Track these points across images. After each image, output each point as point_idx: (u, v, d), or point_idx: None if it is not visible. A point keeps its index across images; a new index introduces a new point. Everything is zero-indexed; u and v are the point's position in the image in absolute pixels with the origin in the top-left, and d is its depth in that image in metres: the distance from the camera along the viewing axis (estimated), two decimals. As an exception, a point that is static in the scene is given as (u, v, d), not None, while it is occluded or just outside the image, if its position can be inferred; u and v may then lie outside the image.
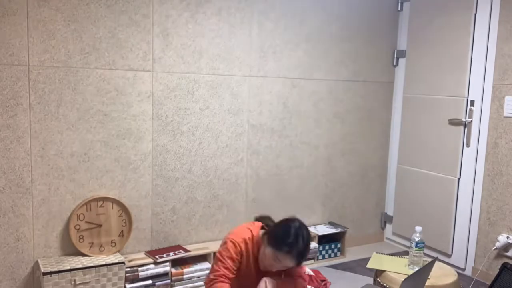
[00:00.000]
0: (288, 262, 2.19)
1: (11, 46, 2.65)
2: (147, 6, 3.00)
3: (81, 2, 2.80)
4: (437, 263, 2.85)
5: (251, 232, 2.34)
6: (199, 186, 3.34)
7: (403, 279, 1.98)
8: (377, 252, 3.01)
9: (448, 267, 2.76)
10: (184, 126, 3.23)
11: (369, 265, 2.79)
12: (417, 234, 2.70)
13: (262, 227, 2.37)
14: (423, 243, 2.70)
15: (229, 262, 2.25)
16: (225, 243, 2.31)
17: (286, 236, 2.17)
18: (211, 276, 2.26)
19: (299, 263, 2.21)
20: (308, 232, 2.26)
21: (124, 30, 2.95)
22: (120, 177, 3.05)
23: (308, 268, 3.36)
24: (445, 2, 3.65)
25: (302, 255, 2.19)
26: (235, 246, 2.27)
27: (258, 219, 2.46)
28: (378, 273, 2.79)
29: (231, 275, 2.26)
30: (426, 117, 3.83)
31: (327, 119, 3.85)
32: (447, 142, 3.66)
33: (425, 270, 2.11)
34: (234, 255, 2.26)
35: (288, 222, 2.24)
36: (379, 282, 2.71)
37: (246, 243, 2.30)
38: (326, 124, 3.85)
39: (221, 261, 2.26)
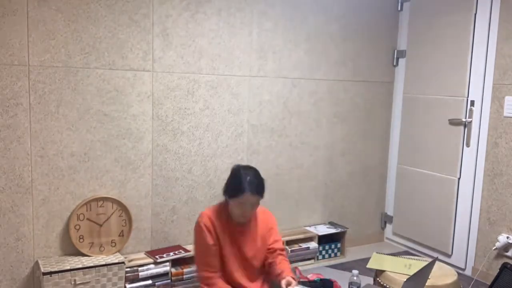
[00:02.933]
0: (251, 199, 2.35)
1: (11, 46, 2.65)
2: (147, 6, 3.00)
3: (81, 2, 2.80)
4: (437, 263, 2.84)
5: (215, 208, 2.49)
6: (199, 186, 3.34)
7: (405, 280, 1.98)
8: (377, 252, 3.00)
9: (448, 267, 2.76)
10: (184, 126, 3.23)
11: (369, 265, 2.79)
12: (354, 278, 2.78)
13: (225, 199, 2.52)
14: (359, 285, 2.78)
15: (209, 252, 2.38)
16: (196, 227, 2.43)
17: (236, 180, 2.38)
18: (205, 278, 2.38)
19: (259, 195, 2.38)
20: (255, 169, 2.48)
21: (124, 30, 2.95)
22: (120, 177, 3.05)
23: (310, 274, 3.38)
24: (445, 2, 3.65)
25: (258, 187, 2.38)
26: (202, 230, 2.39)
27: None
28: (378, 273, 2.79)
29: (216, 269, 2.39)
30: (426, 117, 3.83)
31: (327, 119, 3.85)
32: (447, 142, 3.66)
33: (426, 271, 2.11)
34: (205, 236, 2.38)
35: (234, 171, 2.46)
36: (379, 282, 2.71)
37: (211, 219, 2.41)
38: (326, 124, 3.85)
39: (200, 260, 2.41)
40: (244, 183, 2.34)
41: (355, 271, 2.83)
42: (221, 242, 2.43)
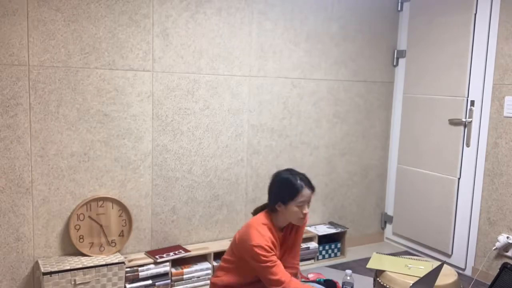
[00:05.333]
0: (309, 194, 2.41)
1: (11, 46, 2.65)
2: (147, 6, 3.00)
3: (81, 2, 2.80)
4: (437, 263, 2.85)
5: (264, 225, 2.42)
6: (199, 186, 3.34)
7: (412, 283, 1.98)
8: (377, 252, 3.01)
9: (448, 267, 2.76)
10: (184, 126, 3.23)
11: (369, 265, 2.79)
12: (348, 278, 2.93)
13: (265, 211, 2.49)
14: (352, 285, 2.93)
15: (275, 257, 2.36)
16: (257, 254, 2.33)
17: (289, 183, 2.41)
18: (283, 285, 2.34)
19: (312, 187, 2.44)
20: (292, 169, 2.54)
21: (124, 30, 2.95)
22: (120, 177, 3.05)
23: (310, 274, 3.38)
24: (445, 2, 3.65)
25: (307, 180, 2.44)
26: (267, 250, 2.33)
27: (256, 210, 2.56)
28: (378, 273, 2.79)
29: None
30: (426, 117, 3.83)
31: (327, 119, 3.85)
32: (447, 142, 3.66)
33: (433, 274, 2.11)
34: (271, 250, 2.35)
35: (277, 178, 2.46)
36: (379, 282, 2.71)
37: (270, 238, 2.37)
38: (326, 124, 3.85)
39: (273, 271, 2.33)
40: (297, 181, 2.40)
41: (348, 271, 2.95)
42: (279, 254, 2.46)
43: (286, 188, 2.40)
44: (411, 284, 2.52)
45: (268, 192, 2.48)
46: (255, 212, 2.54)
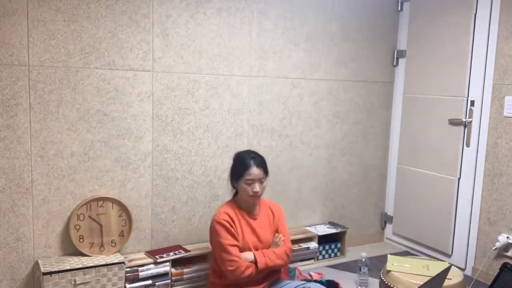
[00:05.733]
0: (257, 173, 2.59)
1: (11, 46, 2.65)
2: (147, 6, 3.00)
3: (81, 2, 2.80)
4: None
5: (225, 204, 2.71)
6: (199, 186, 3.34)
7: (416, 283, 1.99)
8: (390, 254, 3.04)
9: (454, 268, 2.77)
10: (184, 126, 3.23)
11: (388, 268, 2.78)
12: (363, 260, 3.22)
13: (233, 195, 2.75)
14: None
15: (232, 245, 2.52)
16: (214, 230, 2.60)
17: (240, 161, 2.65)
18: (232, 268, 2.49)
19: (264, 168, 2.63)
20: (251, 150, 2.81)
21: (124, 30, 2.95)
22: (120, 177, 3.05)
23: (312, 271, 3.39)
24: (445, 2, 3.65)
25: (259, 161, 2.63)
26: (223, 225, 2.55)
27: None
28: (384, 273, 2.80)
29: (239, 256, 2.53)
30: (426, 117, 3.83)
31: (327, 119, 3.85)
32: (447, 142, 3.66)
33: (440, 277, 2.12)
34: (229, 229, 2.55)
35: (235, 157, 2.73)
36: (384, 282, 2.72)
37: (228, 214, 2.60)
38: (326, 124, 3.85)
39: (225, 249, 2.52)
40: (247, 159, 2.61)
41: (364, 254, 3.24)
42: (241, 234, 2.60)
43: (237, 165, 2.65)
44: (415, 284, 2.52)
45: None
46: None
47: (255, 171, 2.58)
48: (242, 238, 2.60)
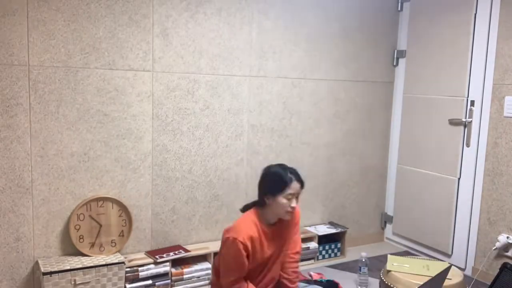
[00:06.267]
0: (297, 188, 2.45)
1: (11, 46, 2.65)
2: (147, 6, 3.00)
3: (81, 2, 2.80)
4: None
5: (251, 221, 2.45)
6: (199, 186, 3.34)
7: (416, 283, 1.99)
8: (391, 254, 3.03)
9: (454, 268, 2.77)
10: (184, 126, 3.23)
11: (389, 268, 2.77)
12: (363, 260, 3.18)
13: (254, 208, 2.53)
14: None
15: (243, 268, 2.38)
16: (232, 243, 2.34)
17: (279, 176, 2.45)
18: (234, 282, 2.37)
19: (302, 182, 2.50)
20: (284, 164, 2.58)
21: (124, 30, 2.95)
22: (120, 177, 3.05)
23: (312, 271, 3.39)
24: (445, 2, 3.65)
25: (298, 174, 2.49)
26: (245, 247, 2.35)
27: (245, 207, 2.58)
28: (384, 273, 2.80)
29: (242, 277, 2.40)
30: (426, 117, 3.83)
31: (327, 119, 3.85)
32: (447, 142, 3.66)
33: (440, 277, 2.12)
34: (244, 260, 2.36)
35: (268, 171, 2.52)
36: (384, 282, 2.72)
37: (251, 238, 2.38)
38: (326, 124, 3.85)
39: (233, 270, 2.37)
40: (286, 174, 2.44)
41: (363, 253, 3.21)
42: (259, 249, 2.44)
43: (275, 180, 2.44)
44: (415, 284, 2.52)
45: (258, 186, 2.52)
46: (244, 208, 2.57)
47: (296, 185, 2.44)
48: (260, 252, 2.45)
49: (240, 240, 2.32)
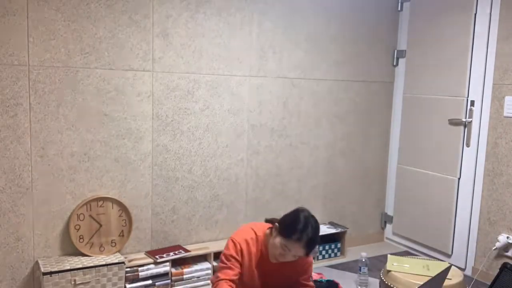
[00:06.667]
0: (297, 250, 2.18)
1: (11, 46, 2.65)
2: (147, 6, 3.00)
3: (81, 2, 2.80)
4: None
5: (255, 232, 2.33)
6: (199, 186, 3.34)
7: (416, 283, 1.99)
8: (391, 254, 3.03)
9: (454, 268, 2.77)
10: (184, 126, 3.23)
11: (389, 268, 2.77)
12: (363, 260, 3.18)
13: (270, 228, 2.33)
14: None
15: (231, 262, 2.26)
16: (229, 242, 2.31)
17: (296, 223, 2.18)
18: (216, 279, 2.25)
19: (308, 252, 2.21)
20: (317, 222, 2.26)
21: (124, 30, 2.95)
22: (120, 177, 3.05)
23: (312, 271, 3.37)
24: (445, 2, 3.65)
25: (311, 243, 2.19)
26: (235, 245, 2.28)
27: (268, 220, 2.43)
28: (384, 273, 2.80)
29: (235, 278, 2.24)
30: (426, 117, 3.83)
31: (327, 119, 3.85)
32: (447, 142, 3.66)
33: (440, 277, 2.12)
34: (234, 254, 2.26)
35: (297, 211, 2.26)
36: (384, 282, 2.72)
37: (247, 243, 2.29)
38: (326, 124, 3.85)
39: (224, 263, 2.27)
40: (303, 232, 2.16)
41: (363, 253, 3.21)
42: (249, 267, 2.31)
43: (287, 223, 2.22)
44: (415, 284, 2.52)
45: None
46: (266, 221, 2.44)
47: (297, 248, 2.17)
48: (250, 276, 2.32)
49: (236, 239, 2.28)
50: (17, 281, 2.82)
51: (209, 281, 3.14)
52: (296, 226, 2.18)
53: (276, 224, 2.27)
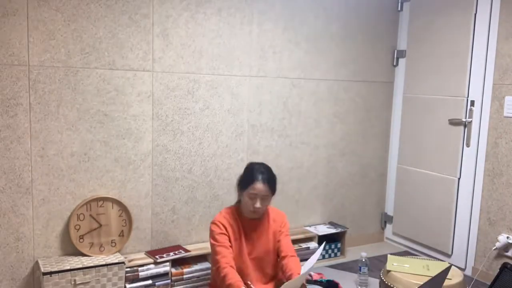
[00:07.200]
0: (260, 189, 2.50)
1: (11, 46, 2.65)
2: (147, 6, 3.00)
3: (81, 2, 2.80)
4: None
5: (227, 208, 2.68)
6: (199, 186, 3.34)
7: (416, 283, 1.99)
8: (391, 254, 3.03)
9: (454, 268, 2.77)
10: (184, 126, 3.23)
11: (389, 268, 2.77)
12: (363, 260, 3.22)
13: (236, 203, 2.71)
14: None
15: (221, 238, 2.50)
16: (210, 227, 2.58)
17: (247, 172, 2.58)
18: (216, 269, 2.45)
19: (270, 186, 2.54)
20: (266, 164, 2.64)
21: (124, 30, 2.95)
22: (120, 177, 3.05)
23: (312, 271, 3.38)
24: (445, 2, 3.65)
25: (268, 178, 2.54)
26: (217, 224, 2.55)
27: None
28: (384, 273, 2.80)
29: (231, 255, 2.48)
30: (426, 117, 3.83)
31: (327, 119, 3.85)
32: (447, 142, 3.66)
33: (440, 277, 2.12)
34: (219, 230, 2.53)
35: (246, 167, 2.66)
36: (384, 282, 2.72)
37: (225, 218, 2.58)
38: (326, 124, 3.85)
39: (214, 243, 2.51)
40: (255, 174, 2.52)
41: (363, 253, 3.23)
42: (235, 239, 2.55)
43: (245, 176, 2.57)
44: (415, 284, 2.52)
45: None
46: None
47: (260, 186, 2.50)
48: (238, 247, 2.56)
49: (215, 221, 2.56)
50: (17, 281, 2.82)
51: (209, 281, 3.14)
52: (248, 173, 2.56)
53: (237, 188, 2.61)
